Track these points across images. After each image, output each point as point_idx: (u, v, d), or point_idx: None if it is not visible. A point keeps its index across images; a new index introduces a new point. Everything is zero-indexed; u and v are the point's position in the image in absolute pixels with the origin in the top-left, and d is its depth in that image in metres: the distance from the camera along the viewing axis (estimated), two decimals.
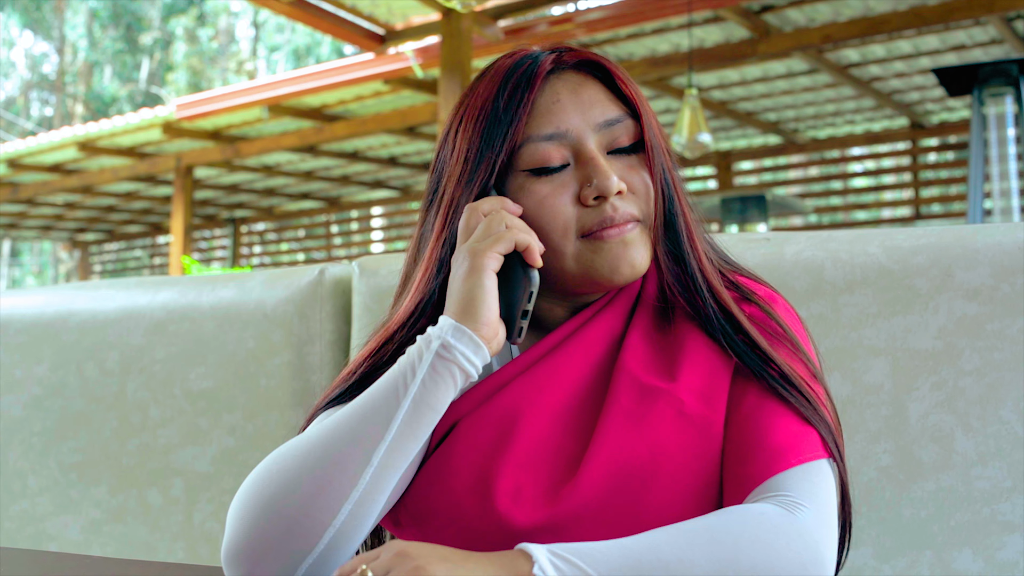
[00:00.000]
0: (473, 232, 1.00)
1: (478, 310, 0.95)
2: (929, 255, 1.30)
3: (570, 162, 1.04)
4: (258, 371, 1.69)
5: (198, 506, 1.72)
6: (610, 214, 1.02)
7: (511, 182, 1.04)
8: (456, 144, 1.07)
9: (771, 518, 0.86)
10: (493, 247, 0.97)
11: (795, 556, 0.84)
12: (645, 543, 0.82)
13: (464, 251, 0.99)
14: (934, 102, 8.90)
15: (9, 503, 1.89)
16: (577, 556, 0.79)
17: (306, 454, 0.92)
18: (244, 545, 0.91)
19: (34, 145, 10.21)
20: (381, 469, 0.91)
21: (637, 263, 1.03)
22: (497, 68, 1.07)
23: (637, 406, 0.99)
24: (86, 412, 1.84)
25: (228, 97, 8.81)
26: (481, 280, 0.96)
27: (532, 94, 1.03)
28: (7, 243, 25.82)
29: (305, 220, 14.15)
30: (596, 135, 1.04)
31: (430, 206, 1.10)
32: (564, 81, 1.06)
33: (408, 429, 0.92)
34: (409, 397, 0.92)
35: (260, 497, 0.92)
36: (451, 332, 0.94)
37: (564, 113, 1.04)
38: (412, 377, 0.93)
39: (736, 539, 0.83)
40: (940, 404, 1.27)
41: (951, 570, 1.24)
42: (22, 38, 30.83)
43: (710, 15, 6.66)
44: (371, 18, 6.83)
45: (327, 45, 25.37)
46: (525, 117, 1.03)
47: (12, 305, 1.98)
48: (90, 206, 13.51)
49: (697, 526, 0.85)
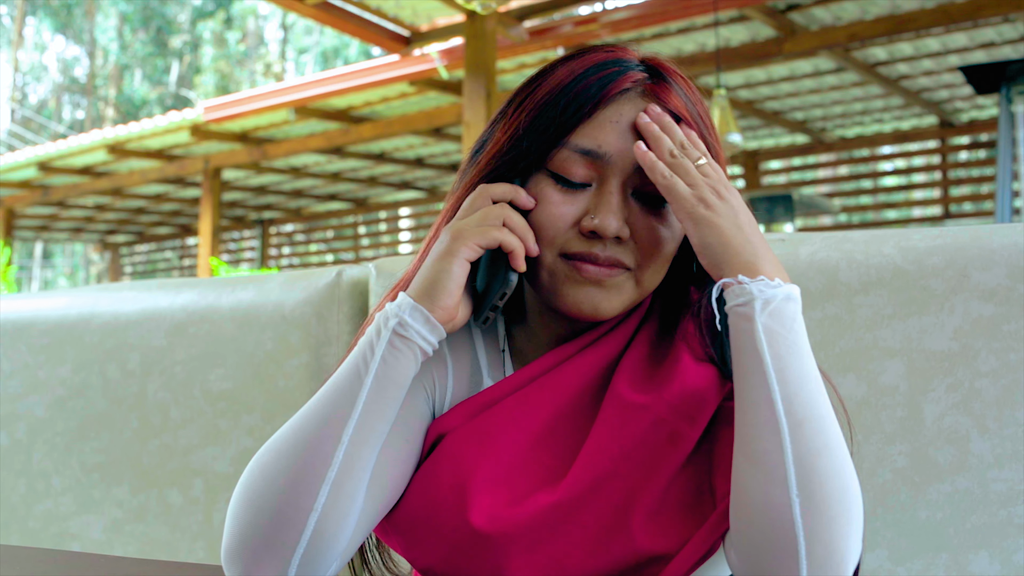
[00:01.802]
0: (472, 214, 1.01)
1: (438, 295, 0.96)
2: (945, 256, 1.29)
3: (593, 184, 1.01)
4: (276, 372, 1.70)
5: (218, 506, 1.73)
6: (596, 252, 1.00)
7: (536, 174, 1.03)
8: (510, 117, 1.05)
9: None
10: (475, 239, 0.98)
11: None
12: None
13: (450, 229, 0.99)
14: (963, 100, 8.83)
15: (33, 502, 1.91)
16: None
17: (281, 444, 0.95)
18: (237, 544, 0.92)
19: (64, 148, 10.31)
20: (353, 447, 0.93)
21: (601, 308, 1.01)
22: (584, 60, 1.04)
23: (619, 423, 0.99)
24: (108, 413, 1.85)
25: (255, 99, 8.87)
26: (449, 267, 0.97)
27: (599, 107, 1.01)
28: (39, 245, 26.10)
29: (333, 221, 14.22)
30: (632, 172, 1.01)
31: (470, 165, 1.09)
32: (633, 105, 1.02)
33: (374, 405, 0.94)
34: (371, 374, 0.94)
35: (245, 494, 0.94)
36: (408, 311, 0.95)
37: (613, 136, 1.00)
38: (372, 355, 0.95)
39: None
40: (956, 406, 1.26)
41: (967, 573, 1.23)
42: (54, 42, 31.14)
43: (736, 14, 6.63)
44: (396, 20, 6.85)
45: (355, 47, 25.49)
46: (579, 126, 1.00)
47: (36, 307, 2.01)
48: (120, 208, 13.63)
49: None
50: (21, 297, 2.09)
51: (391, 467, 0.99)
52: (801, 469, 0.86)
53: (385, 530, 1.03)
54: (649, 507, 0.96)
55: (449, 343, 1.10)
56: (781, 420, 0.88)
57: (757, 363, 0.90)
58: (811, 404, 0.89)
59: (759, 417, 0.89)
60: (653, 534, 0.95)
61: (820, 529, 0.85)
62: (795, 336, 0.92)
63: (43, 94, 30.91)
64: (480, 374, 1.10)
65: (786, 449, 0.87)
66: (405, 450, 1.02)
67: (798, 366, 0.91)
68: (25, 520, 1.92)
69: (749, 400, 0.91)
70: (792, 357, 0.91)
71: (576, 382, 1.04)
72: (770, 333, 0.91)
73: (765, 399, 0.89)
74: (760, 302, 0.91)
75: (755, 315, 0.91)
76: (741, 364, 0.92)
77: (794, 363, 0.91)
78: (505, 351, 1.11)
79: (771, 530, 0.86)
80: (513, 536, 0.96)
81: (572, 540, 0.96)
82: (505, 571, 0.96)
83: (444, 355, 1.09)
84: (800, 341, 0.92)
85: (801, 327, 0.93)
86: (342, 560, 0.95)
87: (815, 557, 0.85)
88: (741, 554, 0.89)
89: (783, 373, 0.90)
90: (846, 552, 0.86)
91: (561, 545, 0.96)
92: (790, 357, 0.90)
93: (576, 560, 0.95)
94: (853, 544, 0.87)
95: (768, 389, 0.89)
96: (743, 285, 0.93)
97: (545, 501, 0.97)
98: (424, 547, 0.99)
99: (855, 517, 0.88)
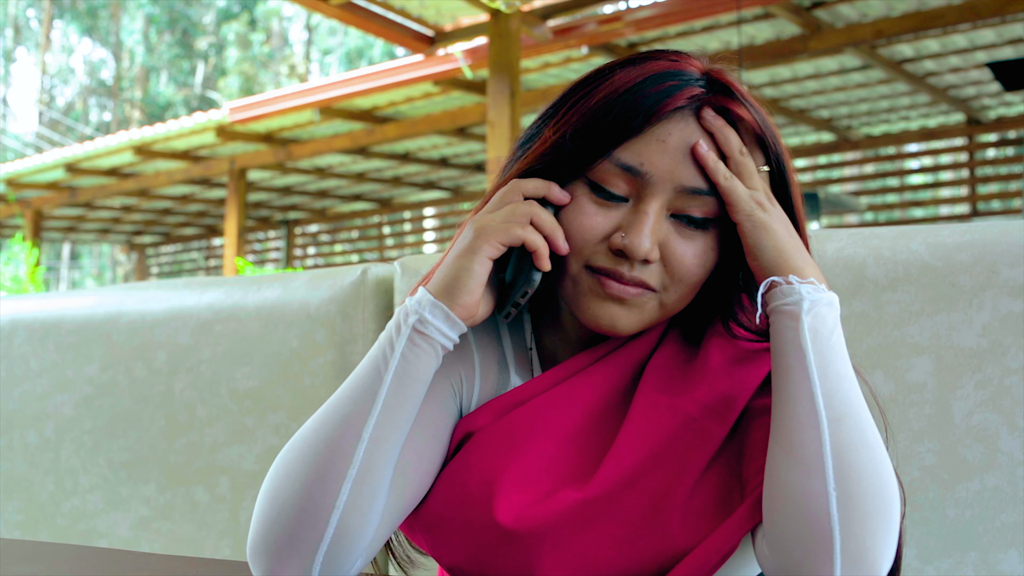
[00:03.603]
0: (500, 208, 0.99)
1: (458, 292, 0.95)
2: (973, 252, 1.28)
3: (630, 200, 0.99)
4: (302, 370, 1.70)
5: (244, 504, 1.74)
6: (621, 270, 0.98)
7: (576, 179, 1.01)
8: (561, 117, 1.02)
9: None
10: (498, 236, 0.96)
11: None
12: None
13: (475, 224, 0.97)
14: (991, 97, 8.76)
15: (62, 500, 1.93)
16: None
17: (303, 442, 0.94)
18: (262, 542, 0.93)
19: (91, 149, 10.40)
20: (374, 443, 0.92)
21: (619, 325, 1.00)
22: (644, 68, 1.00)
23: (648, 422, 0.99)
24: (135, 411, 1.87)
25: (280, 100, 8.91)
26: (471, 264, 0.95)
27: (649, 123, 0.97)
28: (67, 246, 26.32)
29: (358, 221, 14.26)
30: (672, 194, 0.98)
31: (514, 158, 1.07)
32: (685, 125, 0.99)
33: (395, 401, 0.93)
34: (391, 371, 0.93)
35: (269, 493, 0.94)
36: (428, 308, 0.94)
37: (659, 155, 0.97)
38: (392, 352, 0.94)
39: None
40: (985, 403, 1.24)
41: (997, 572, 1.22)
42: (81, 45, 31.40)
43: (760, 12, 6.61)
44: (420, 20, 6.87)
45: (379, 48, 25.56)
46: (626, 140, 0.98)
47: (64, 306, 2.02)
48: (146, 209, 13.73)
49: None
50: (49, 296, 2.10)
51: (416, 463, 0.99)
52: (839, 463, 0.86)
53: (411, 527, 1.03)
54: (682, 504, 0.96)
55: (476, 340, 1.09)
56: (821, 414, 0.88)
57: (800, 358, 0.91)
58: (849, 402, 0.90)
59: (799, 410, 0.90)
60: (688, 529, 0.94)
61: (856, 525, 0.84)
62: (835, 340, 0.93)
63: (70, 96, 31.18)
64: (507, 372, 1.10)
65: (824, 442, 0.87)
66: (431, 446, 1.02)
67: (838, 366, 0.92)
68: (53, 517, 1.94)
69: (789, 394, 0.91)
70: (832, 356, 0.92)
71: (606, 383, 1.04)
72: (814, 332, 0.92)
73: (806, 393, 0.90)
74: (807, 303, 0.93)
75: (802, 314, 0.93)
76: (783, 360, 0.93)
77: (835, 362, 0.92)
78: (533, 350, 1.11)
79: (806, 522, 0.85)
80: (541, 534, 0.96)
81: (602, 537, 0.96)
82: (534, 569, 0.96)
83: (471, 352, 1.09)
84: (839, 346, 0.93)
85: (840, 335, 0.94)
86: (367, 556, 0.95)
87: (849, 553, 0.84)
88: (774, 548, 0.88)
89: (824, 370, 0.90)
90: (881, 551, 0.85)
91: (591, 542, 0.95)
92: (831, 356, 0.92)
93: (606, 557, 0.95)
94: (888, 543, 0.86)
95: (809, 383, 0.90)
96: (792, 285, 0.94)
97: (574, 498, 0.97)
98: (451, 545, 0.99)
99: (892, 517, 0.87)
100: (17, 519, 1.98)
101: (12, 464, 2.00)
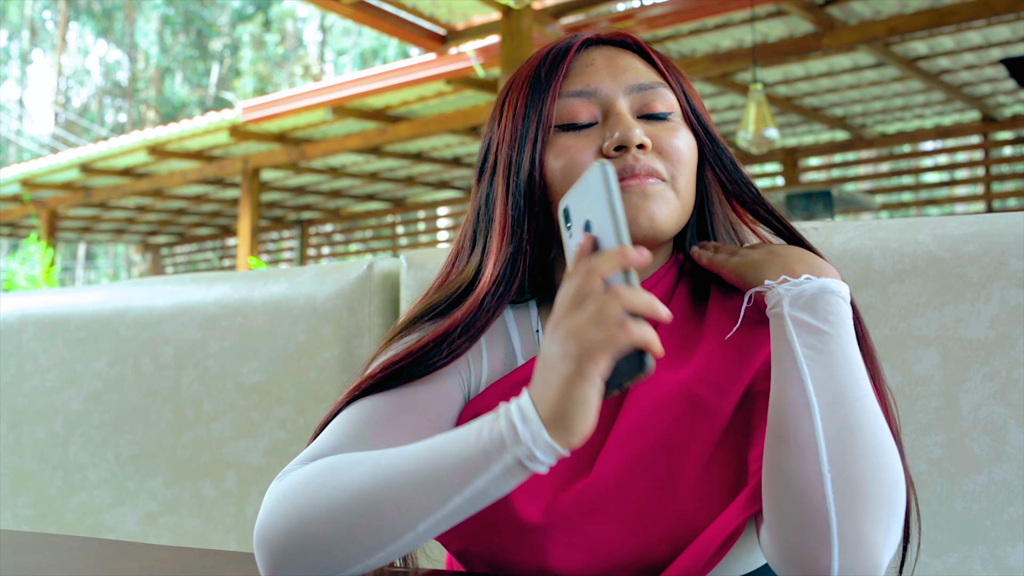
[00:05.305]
0: (582, 304, 0.79)
1: (575, 425, 0.79)
2: (981, 243, 1.27)
3: (599, 120, 1.07)
4: (308, 365, 1.70)
5: (251, 498, 1.74)
6: (630, 163, 1.03)
7: (551, 142, 1.07)
8: (504, 114, 1.11)
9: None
10: (606, 351, 0.77)
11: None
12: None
13: (569, 338, 0.79)
14: (1006, 94, 8.70)
15: (70, 494, 1.93)
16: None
17: (353, 495, 0.88)
18: (278, 557, 0.90)
19: (106, 150, 10.43)
20: (424, 535, 0.87)
21: (656, 217, 1.03)
22: (539, 49, 1.12)
23: (650, 399, 0.99)
24: (143, 406, 1.87)
25: (293, 99, 8.92)
26: (585, 393, 0.78)
27: (568, 58, 1.08)
28: (83, 247, 26.43)
29: (372, 221, 14.27)
30: (628, 97, 1.07)
31: (481, 175, 1.13)
32: (600, 51, 1.11)
33: (462, 511, 0.85)
34: (474, 487, 0.83)
35: (296, 517, 0.89)
36: (542, 447, 0.80)
37: (597, 75, 1.08)
38: (484, 468, 0.82)
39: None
40: (993, 395, 1.23)
41: (1004, 566, 1.21)
42: (96, 46, 31.52)
43: (773, 9, 6.58)
44: (432, 18, 6.87)
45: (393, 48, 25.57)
46: (561, 78, 1.07)
47: (72, 302, 2.03)
48: (161, 209, 13.76)
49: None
50: (57, 292, 2.11)
51: None
52: (833, 446, 0.86)
53: None
54: (694, 482, 0.96)
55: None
56: (812, 400, 0.88)
57: (787, 350, 0.93)
58: (844, 386, 0.90)
59: (789, 397, 0.90)
60: (702, 510, 0.94)
61: (853, 508, 0.83)
62: (831, 325, 0.94)
63: (85, 98, 31.32)
64: (514, 355, 1.10)
65: (816, 426, 0.87)
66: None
67: (833, 350, 0.92)
68: (62, 512, 1.94)
69: (780, 383, 0.92)
70: (825, 343, 0.92)
71: None
72: (799, 323, 0.94)
73: (796, 381, 0.90)
74: (787, 299, 0.96)
75: (784, 311, 0.95)
76: (775, 356, 0.95)
77: (828, 347, 0.92)
78: (539, 332, 1.11)
79: (802, 505, 0.85)
80: (551, 516, 0.95)
81: (611, 518, 0.95)
82: (544, 551, 0.96)
83: (479, 340, 1.09)
84: (837, 327, 0.94)
85: (840, 315, 0.95)
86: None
87: (847, 536, 0.83)
88: (772, 533, 0.88)
89: (813, 358, 0.91)
90: (883, 535, 0.84)
91: (600, 524, 0.95)
92: (822, 344, 0.92)
93: (616, 539, 0.95)
94: (890, 527, 0.85)
95: (798, 372, 0.91)
96: (771, 290, 0.98)
97: (582, 479, 0.97)
98: (457, 529, 0.97)
99: (894, 501, 0.86)
100: (26, 514, 1.99)
101: (21, 459, 2.01)
